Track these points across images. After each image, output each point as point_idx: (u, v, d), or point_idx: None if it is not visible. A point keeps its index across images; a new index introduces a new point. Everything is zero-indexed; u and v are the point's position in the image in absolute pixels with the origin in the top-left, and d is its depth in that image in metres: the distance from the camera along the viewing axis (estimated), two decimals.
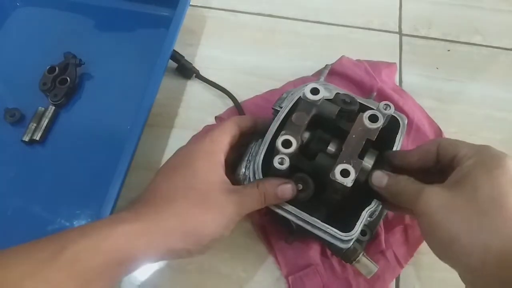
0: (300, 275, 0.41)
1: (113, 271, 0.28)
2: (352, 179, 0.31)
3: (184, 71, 0.53)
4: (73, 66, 0.51)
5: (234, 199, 0.33)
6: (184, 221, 0.31)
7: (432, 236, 0.30)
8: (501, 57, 0.57)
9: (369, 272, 0.36)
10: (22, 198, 0.45)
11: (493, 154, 0.29)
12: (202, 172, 0.33)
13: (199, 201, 0.32)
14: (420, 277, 0.42)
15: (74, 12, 0.58)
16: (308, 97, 0.34)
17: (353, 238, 0.33)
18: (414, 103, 0.50)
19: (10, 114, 0.49)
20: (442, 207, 0.28)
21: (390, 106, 0.35)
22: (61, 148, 0.48)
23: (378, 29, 0.58)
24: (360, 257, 0.36)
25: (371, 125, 0.33)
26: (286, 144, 0.33)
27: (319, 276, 0.40)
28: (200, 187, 0.32)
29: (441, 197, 0.29)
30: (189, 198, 0.32)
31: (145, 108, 0.45)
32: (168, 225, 0.30)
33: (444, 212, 0.28)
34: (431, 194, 0.29)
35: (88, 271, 0.27)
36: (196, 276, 0.42)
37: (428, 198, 0.29)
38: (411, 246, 0.42)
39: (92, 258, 0.27)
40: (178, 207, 0.31)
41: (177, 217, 0.31)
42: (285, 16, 0.59)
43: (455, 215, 0.28)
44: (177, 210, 0.31)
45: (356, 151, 0.32)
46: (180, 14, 0.51)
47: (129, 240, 0.28)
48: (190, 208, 0.31)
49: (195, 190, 0.32)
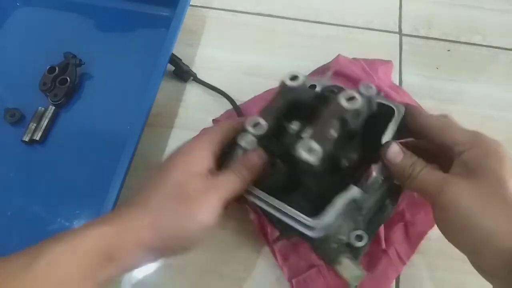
0: (303, 277, 0.40)
1: (94, 272, 0.27)
2: (318, 157, 0.29)
3: (181, 74, 0.52)
4: (73, 66, 0.51)
5: (211, 183, 0.31)
6: (157, 216, 0.30)
7: (461, 232, 0.28)
8: (501, 57, 0.57)
9: (352, 277, 0.30)
10: (22, 198, 0.45)
11: (490, 142, 0.30)
12: (181, 165, 0.32)
13: (175, 194, 0.31)
14: (420, 277, 0.42)
15: (74, 12, 0.58)
16: (287, 83, 0.34)
17: (324, 226, 0.29)
18: (410, 100, 0.50)
19: (10, 114, 0.49)
20: (473, 202, 0.27)
21: (372, 87, 0.32)
22: (61, 148, 0.49)
23: (378, 29, 0.58)
24: (342, 258, 0.30)
25: (347, 104, 0.31)
26: (254, 125, 0.33)
27: (323, 277, 0.40)
28: (178, 179, 0.31)
29: (469, 191, 0.28)
30: (165, 193, 0.31)
31: (145, 108, 0.45)
32: (140, 223, 0.29)
33: (476, 208, 0.27)
34: (459, 187, 0.28)
35: (67, 276, 0.26)
36: (196, 276, 0.42)
37: (456, 192, 0.28)
38: (412, 243, 0.42)
39: (68, 262, 0.26)
40: (153, 203, 0.30)
41: (150, 213, 0.30)
42: (285, 16, 0.59)
43: (489, 210, 0.27)
44: (152, 206, 0.30)
45: (325, 128, 0.30)
46: (180, 14, 0.51)
47: (104, 240, 0.28)
48: (165, 203, 0.30)
49: (171, 184, 0.31)
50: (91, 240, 0.27)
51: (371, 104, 0.33)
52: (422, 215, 0.43)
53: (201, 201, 0.30)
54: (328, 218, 0.30)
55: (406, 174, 0.31)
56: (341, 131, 0.31)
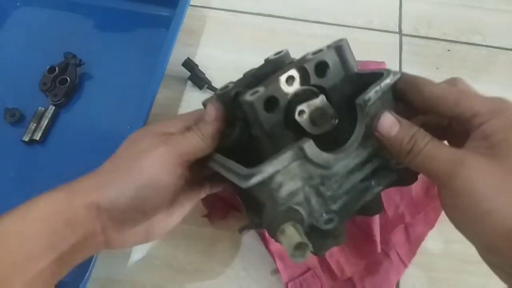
0: (299, 281, 0.41)
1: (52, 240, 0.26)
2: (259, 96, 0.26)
3: (196, 80, 0.52)
4: (73, 66, 0.51)
5: (164, 139, 0.30)
6: (105, 174, 0.29)
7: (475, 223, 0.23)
8: (501, 57, 0.57)
9: (291, 246, 0.23)
10: (22, 198, 0.45)
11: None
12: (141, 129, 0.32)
13: (125, 152, 0.30)
14: (420, 277, 0.42)
15: (74, 12, 0.58)
16: (270, 57, 0.33)
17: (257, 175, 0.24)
18: None
19: (10, 114, 0.49)
20: (494, 188, 0.22)
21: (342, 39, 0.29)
22: (61, 148, 0.48)
23: (378, 29, 0.58)
24: (286, 226, 0.24)
25: (311, 56, 0.28)
26: (223, 88, 0.32)
27: (318, 280, 0.40)
28: (132, 138, 0.31)
29: (489, 173, 0.22)
30: (117, 153, 0.30)
31: (145, 108, 0.45)
32: (88, 184, 0.28)
33: (496, 194, 0.22)
34: (476, 168, 0.23)
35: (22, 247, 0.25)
36: (196, 276, 0.42)
37: (471, 174, 0.22)
38: (413, 245, 0.42)
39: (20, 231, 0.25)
40: (104, 166, 0.30)
41: (98, 174, 0.29)
42: (285, 16, 0.59)
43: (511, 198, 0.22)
44: (102, 168, 0.29)
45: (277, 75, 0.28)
46: (180, 14, 0.51)
47: (55, 204, 0.27)
48: (114, 161, 0.30)
49: (125, 144, 0.31)
50: (43, 206, 0.26)
51: (344, 58, 0.29)
52: (422, 216, 0.43)
53: (149, 154, 0.28)
54: (265, 167, 0.24)
55: (406, 150, 0.25)
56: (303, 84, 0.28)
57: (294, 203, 0.26)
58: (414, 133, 0.25)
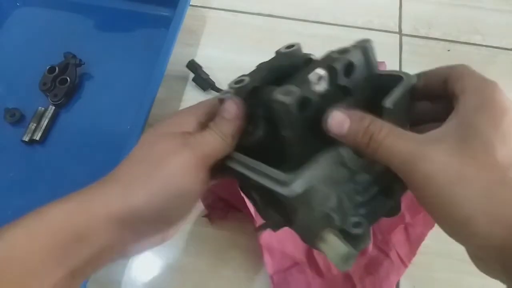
0: (285, 274, 0.40)
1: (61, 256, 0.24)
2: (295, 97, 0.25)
3: (200, 82, 0.52)
4: (73, 66, 0.51)
5: (184, 141, 0.27)
6: (125, 182, 0.26)
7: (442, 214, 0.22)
8: (501, 57, 0.57)
9: (337, 256, 0.23)
10: (22, 198, 0.45)
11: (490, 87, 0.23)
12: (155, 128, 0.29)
13: (144, 156, 0.27)
14: (420, 277, 0.42)
15: (74, 12, 0.58)
16: (281, 50, 0.32)
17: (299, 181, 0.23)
18: None
19: (10, 114, 0.49)
20: (454, 179, 0.20)
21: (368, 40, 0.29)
22: (61, 148, 0.49)
23: (378, 29, 0.58)
24: (327, 234, 0.24)
25: (338, 55, 0.27)
26: (237, 82, 0.30)
27: (304, 275, 0.40)
28: (148, 140, 0.28)
29: (450, 165, 0.21)
30: (134, 157, 0.27)
31: (145, 108, 0.45)
32: (108, 192, 0.25)
33: (457, 186, 0.20)
34: (437, 156, 0.21)
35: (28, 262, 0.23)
36: (196, 276, 0.42)
37: (433, 167, 0.21)
38: (413, 245, 0.42)
39: (29, 244, 0.23)
40: (121, 171, 0.26)
41: (118, 181, 0.26)
42: (285, 16, 0.59)
43: (470, 188, 0.20)
44: (120, 174, 0.26)
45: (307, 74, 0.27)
46: (180, 14, 0.51)
47: (68, 217, 0.24)
48: (132, 167, 0.26)
49: (141, 147, 0.27)
50: (51, 218, 0.24)
51: (368, 59, 0.29)
52: (421, 216, 0.43)
53: (173, 159, 0.26)
54: (306, 172, 0.23)
55: (363, 144, 0.23)
56: (330, 84, 0.27)
57: (328, 208, 0.25)
58: (368, 125, 0.23)
